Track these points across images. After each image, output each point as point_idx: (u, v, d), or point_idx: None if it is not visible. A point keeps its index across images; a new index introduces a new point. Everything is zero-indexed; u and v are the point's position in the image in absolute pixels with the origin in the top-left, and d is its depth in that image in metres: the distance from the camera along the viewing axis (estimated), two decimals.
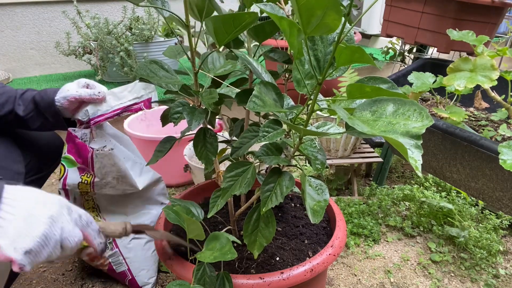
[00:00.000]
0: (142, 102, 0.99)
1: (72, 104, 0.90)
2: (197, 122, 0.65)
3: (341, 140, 1.46)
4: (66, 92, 0.89)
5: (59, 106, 0.89)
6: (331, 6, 0.40)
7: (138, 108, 0.99)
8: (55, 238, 0.54)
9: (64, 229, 0.56)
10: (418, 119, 0.44)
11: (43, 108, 0.90)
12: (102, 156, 0.94)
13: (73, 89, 0.89)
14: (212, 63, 0.71)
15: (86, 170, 0.99)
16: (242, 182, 0.65)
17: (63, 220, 0.56)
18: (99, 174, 0.98)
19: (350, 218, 1.37)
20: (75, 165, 1.00)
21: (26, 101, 0.90)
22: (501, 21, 1.35)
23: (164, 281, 1.14)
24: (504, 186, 0.94)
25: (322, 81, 0.53)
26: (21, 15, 2.35)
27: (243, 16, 0.53)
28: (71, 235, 0.57)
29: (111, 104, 0.96)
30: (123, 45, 2.02)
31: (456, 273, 1.18)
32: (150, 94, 0.99)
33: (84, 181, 0.99)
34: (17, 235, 0.50)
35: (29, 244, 0.51)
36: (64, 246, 0.56)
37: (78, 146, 0.95)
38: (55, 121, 0.92)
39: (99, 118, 0.94)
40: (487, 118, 1.16)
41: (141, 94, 0.99)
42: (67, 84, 0.91)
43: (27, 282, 1.15)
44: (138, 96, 0.99)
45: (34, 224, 0.52)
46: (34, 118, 0.91)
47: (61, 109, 0.90)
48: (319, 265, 0.74)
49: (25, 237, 0.51)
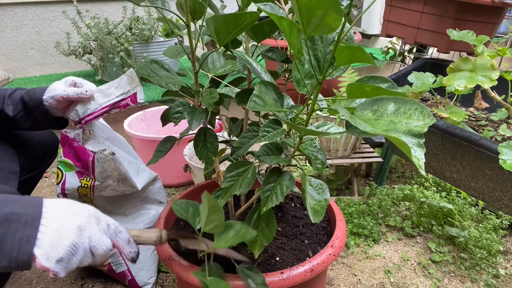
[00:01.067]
0: (128, 98, 0.98)
1: (60, 104, 0.89)
2: (198, 122, 0.65)
3: (341, 140, 1.46)
4: (53, 91, 0.87)
5: (48, 106, 0.88)
6: (332, 6, 0.40)
7: (125, 104, 0.98)
8: (84, 247, 0.58)
9: (91, 238, 0.59)
10: (420, 117, 0.44)
11: (31, 107, 0.88)
12: (103, 160, 0.94)
13: (60, 88, 0.88)
14: (212, 63, 0.71)
15: (86, 174, 0.99)
16: (242, 182, 0.65)
17: (91, 229, 0.60)
18: (99, 178, 0.97)
19: (350, 218, 1.37)
20: (73, 169, 1.00)
21: (15, 101, 0.89)
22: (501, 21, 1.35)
23: (164, 281, 1.14)
24: (504, 186, 0.94)
25: (322, 81, 0.53)
26: (21, 15, 2.35)
27: (244, 15, 0.53)
28: (99, 243, 0.60)
29: (99, 102, 0.95)
30: (123, 45, 2.02)
31: (456, 273, 1.18)
32: (135, 88, 0.98)
33: (84, 185, 0.99)
34: (50, 246, 0.55)
35: (60, 254, 0.55)
36: (94, 253, 0.60)
37: (77, 150, 0.94)
38: (44, 120, 0.91)
39: (89, 117, 0.93)
40: (487, 118, 1.16)
41: (128, 89, 0.98)
42: (54, 83, 0.90)
43: (27, 282, 1.15)
44: (125, 92, 0.97)
45: (64, 234, 0.57)
46: (24, 118, 0.89)
47: (50, 109, 0.89)
48: (319, 265, 0.73)
49: (56, 247, 0.56)
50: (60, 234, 0.56)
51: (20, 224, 0.54)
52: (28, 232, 0.54)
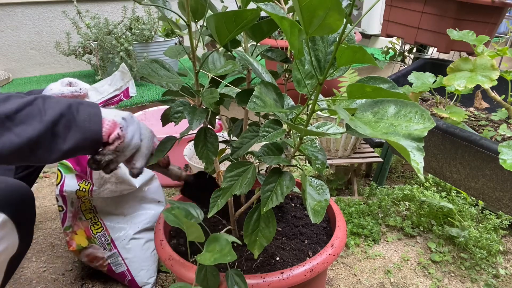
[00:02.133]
0: (121, 93, 1.00)
1: None
2: (198, 121, 0.65)
3: (341, 140, 1.46)
4: (49, 91, 0.91)
5: None
6: (333, 7, 0.40)
7: (118, 99, 1.00)
8: (136, 121, 0.70)
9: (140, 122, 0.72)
10: (420, 121, 0.44)
11: None
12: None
13: (55, 88, 0.92)
14: (213, 63, 0.71)
15: (84, 178, 0.99)
16: (242, 182, 0.65)
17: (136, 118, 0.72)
18: (97, 184, 0.98)
19: (350, 218, 1.37)
20: (73, 172, 1.00)
21: None
22: (501, 21, 1.35)
23: (164, 281, 1.14)
24: (504, 186, 0.94)
25: (323, 81, 0.53)
26: (21, 15, 2.35)
27: (245, 13, 0.53)
28: (146, 127, 0.73)
29: (93, 99, 0.97)
30: (123, 45, 2.02)
31: (456, 273, 1.18)
32: (127, 83, 0.99)
33: (82, 188, 0.99)
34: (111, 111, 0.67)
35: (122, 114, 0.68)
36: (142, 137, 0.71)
37: None
38: None
39: None
40: (487, 118, 1.16)
41: (120, 85, 0.99)
42: (50, 84, 0.94)
43: (27, 282, 1.15)
44: (118, 88, 0.99)
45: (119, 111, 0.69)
46: None
47: None
48: (319, 265, 0.73)
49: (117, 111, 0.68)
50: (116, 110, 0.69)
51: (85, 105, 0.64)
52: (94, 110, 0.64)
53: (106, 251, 1.05)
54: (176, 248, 0.84)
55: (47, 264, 1.22)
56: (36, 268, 1.20)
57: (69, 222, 1.05)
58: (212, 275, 0.67)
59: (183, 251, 0.83)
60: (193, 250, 0.81)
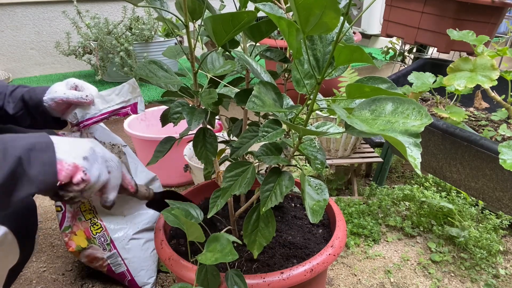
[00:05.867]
0: (129, 107, 0.98)
1: (59, 106, 0.88)
2: (197, 122, 0.65)
3: (341, 140, 1.45)
4: (54, 93, 0.87)
5: (47, 107, 0.88)
6: (329, 5, 0.40)
7: (125, 112, 0.98)
8: (101, 155, 0.65)
9: (105, 152, 0.67)
10: (417, 117, 0.44)
11: (31, 107, 0.89)
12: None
13: (60, 90, 0.87)
14: (212, 63, 0.71)
15: None
16: (242, 182, 0.65)
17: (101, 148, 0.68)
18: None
19: (350, 218, 1.37)
20: None
21: (16, 99, 0.89)
22: (501, 21, 1.35)
23: (164, 281, 1.14)
24: (504, 186, 0.94)
25: (321, 81, 0.53)
26: (21, 15, 2.35)
27: (242, 15, 0.53)
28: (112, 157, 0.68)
29: (99, 107, 0.95)
30: (123, 45, 2.02)
31: (456, 273, 1.18)
32: (136, 98, 0.97)
33: None
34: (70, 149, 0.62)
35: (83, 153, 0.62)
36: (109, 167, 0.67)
37: None
38: (44, 120, 0.91)
39: (87, 121, 0.94)
40: (487, 118, 1.16)
41: (128, 98, 0.97)
42: (55, 85, 0.89)
43: (27, 282, 1.15)
44: (125, 100, 0.97)
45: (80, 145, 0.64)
46: (24, 116, 0.90)
47: (49, 110, 0.89)
48: (319, 265, 0.73)
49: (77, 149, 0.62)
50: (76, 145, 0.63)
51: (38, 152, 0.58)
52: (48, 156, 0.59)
53: (105, 251, 1.05)
54: (176, 248, 0.84)
55: (47, 264, 1.22)
56: (36, 268, 1.20)
57: (68, 223, 1.05)
58: (213, 275, 0.67)
59: (183, 251, 0.83)
60: (193, 250, 0.81)
